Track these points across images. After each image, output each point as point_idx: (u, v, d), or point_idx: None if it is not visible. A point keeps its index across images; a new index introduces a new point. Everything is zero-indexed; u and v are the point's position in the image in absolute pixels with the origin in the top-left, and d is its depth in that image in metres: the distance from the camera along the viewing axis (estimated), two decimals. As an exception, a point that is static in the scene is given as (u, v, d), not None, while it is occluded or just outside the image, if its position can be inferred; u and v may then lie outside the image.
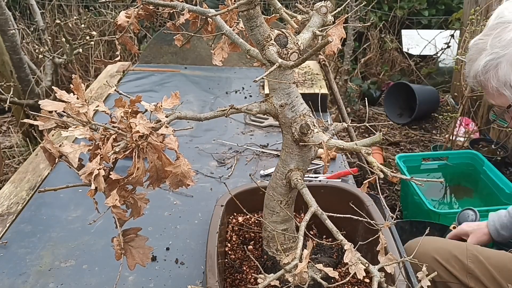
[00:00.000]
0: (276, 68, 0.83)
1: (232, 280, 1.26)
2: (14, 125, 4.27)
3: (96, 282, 1.36)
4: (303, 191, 0.99)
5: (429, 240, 1.73)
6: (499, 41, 1.12)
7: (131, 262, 0.90)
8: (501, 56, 1.12)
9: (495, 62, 1.14)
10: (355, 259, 0.82)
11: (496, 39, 1.13)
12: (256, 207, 1.39)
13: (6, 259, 1.45)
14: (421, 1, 5.22)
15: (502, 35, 1.12)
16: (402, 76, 5.02)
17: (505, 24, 1.12)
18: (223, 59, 1.10)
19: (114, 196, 0.83)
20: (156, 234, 1.56)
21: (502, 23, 1.12)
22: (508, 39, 1.10)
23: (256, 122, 2.34)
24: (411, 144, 4.16)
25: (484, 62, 1.16)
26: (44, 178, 1.87)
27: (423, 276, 0.85)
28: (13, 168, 3.53)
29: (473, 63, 1.20)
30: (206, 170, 1.93)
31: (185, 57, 3.14)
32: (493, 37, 1.13)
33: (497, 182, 2.84)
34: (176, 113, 0.93)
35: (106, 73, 3.03)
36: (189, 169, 0.89)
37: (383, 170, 0.87)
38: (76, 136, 0.83)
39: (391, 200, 3.34)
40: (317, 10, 1.07)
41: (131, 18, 1.05)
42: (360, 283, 1.23)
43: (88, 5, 5.47)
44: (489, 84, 1.18)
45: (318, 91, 2.48)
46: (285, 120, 1.06)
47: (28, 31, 4.43)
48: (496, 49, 1.12)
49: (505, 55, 1.11)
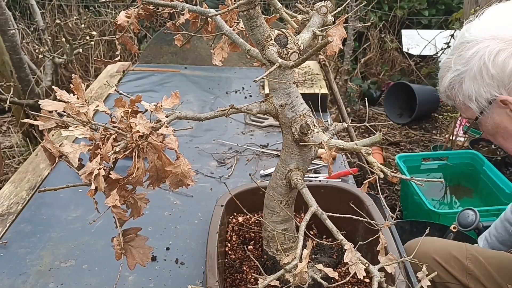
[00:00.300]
0: (276, 68, 0.83)
1: (232, 280, 1.26)
2: (14, 125, 4.27)
3: (96, 282, 1.36)
4: (303, 191, 0.99)
5: (429, 240, 1.73)
6: (460, 59, 1.23)
7: (131, 262, 0.90)
8: (463, 72, 1.22)
9: (458, 78, 1.24)
10: (355, 259, 0.82)
11: (459, 57, 1.23)
12: (256, 207, 1.39)
13: (6, 259, 1.45)
14: (421, 1, 5.22)
15: (463, 53, 1.22)
16: (402, 76, 5.02)
17: (465, 43, 1.22)
18: (223, 59, 1.10)
19: (114, 196, 0.83)
20: (156, 234, 1.56)
21: (463, 43, 1.23)
22: (467, 56, 1.21)
23: (256, 122, 2.34)
24: (411, 144, 4.16)
25: (450, 79, 1.27)
26: (44, 178, 1.87)
27: (423, 276, 0.85)
28: (13, 168, 3.53)
29: (442, 80, 1.31)
30: (206, 170, 1.93)
31: (185, 57, 3.14)
32: (456, 56, 1.24)
33: (497, 182, 2.84)
34: (176, 113, 0.93)
35: (106, 73, 3.03)
36: (189, 169, 0.89)
37: (383, 170, 0.87)
38: (76, 136, 0.83)
39: (391, 200, 3.34)
40: (317, 10, 1.07)
41: (131, 18, 1.05)
42: (360, 283, 1.23)
43: (88, 5, 5.47)
44: (456, 99, 1.28)
45: (318, 91, 2.48)
46: (285, 120, 1.06)
47: (28, 31, 4.43)
48: (458, 66, 1.23)
49: (467, 71, 1.21)
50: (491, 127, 1.27)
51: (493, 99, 1.20)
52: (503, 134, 1.27)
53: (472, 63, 1.20)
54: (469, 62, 1.20)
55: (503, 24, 1.18)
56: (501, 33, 1.17)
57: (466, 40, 1.22)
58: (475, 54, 1.19)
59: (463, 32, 1.25)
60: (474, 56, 1.19)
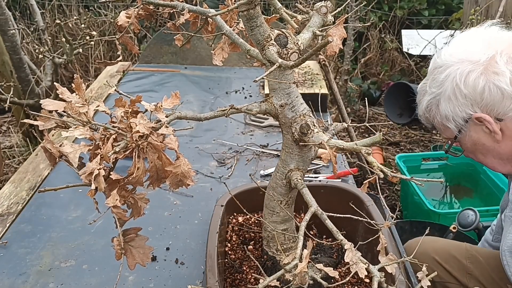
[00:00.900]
0: (276, 68, 0.83)
1: (232, 280, 1.26)
2: (14, 125, 4.27)
3: (96, 282, 1.36)
4: (303, 191, 0.99)
5: (429, 240, 1.73)
6: (435, 83, 1.30)
7: (131, 262, 0.90)
8: (438, 95, 1.29)
9: (434, 100, 1.31)
10: (355, 258, 0.82)
11: (433, 81, 1.31)
12: (256, 207, 1.39)
13: (6, 259, 1.45)
14: (421, 1, 5.22)
15: (436, 77, 1.29)
16: (402, 76, 5.02)
17: (437, 68, 1.29)
18: (224, 59, 1.10)
19: (115, 196, 0.83)
20: (156, 234, 1.56)
21: (436, 68, 1.30)
22: (440, 79, 1.28)
23: (256, 122, 2.34)
24: (411, 144, 4.16)
25: (427, 102, 1.34)
26: (44, 178, 1.87)
27: (423, 276, 0.85)
28: (13, 168, 3.53)
29: (420, 104, 1.38)
30: (206, 170, 1.93)
31: (185, 57, 3.14)
32: (431, 80, 1.32)
33: (497, 182, 2.84)
34: (176, 113, 0.93)
35: (106, 73, 3.03)
36: (189, 169, 0.89)
37: (383, 170, 0.87)
38: (76, 136, 0.83)
39: (391, 200, 3.34)
40: (317, 10, 1.07)
41: (131, 18, 1.05)
42: (360, 283, 1.23)
43: (88, 5, 5.47)
44: (435, 120, 1.35)
45: (318, 91, 2.48)
46: (285, 120, 1.06)
47: (28, 31, 4.43)
48: (433, 89, 1.30)
49: (441, 93, 1.28)
50: (470, 145, 1.33)
51: (469, 117, 1.26)
52: (481, 151, 1.33)
53: (445, 85, 1.27)
54: (442, 85, 1.28)
55: (470, 48, 1.26)
56: (469, 56, 1.24)
57: (438, 65, 1.30)
58: (447, 77, 1.26)
59: (434, 58, 1.33)
60: (446, 78, 1.26)
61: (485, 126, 1.25)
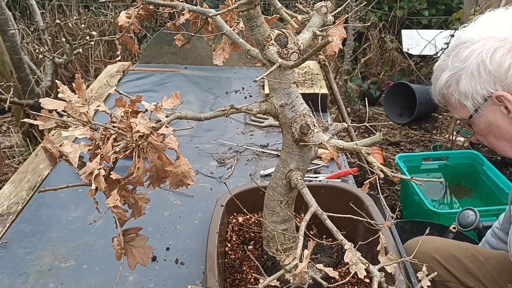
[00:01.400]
0: (276, 68, 0.83)
1: (232, 280, 1.25)
2: (14, 125, 4.27)
3: (96, 282, 1.36)
4: (303, 191, 0.99)
5: (429, 239, 1.73)
6: (458, 58, 1.27)
7: (131, 262, 0.90)
8: (460, 70, 1.26)
9: (455, 76, 1.28)
10: (355, 258, 0.82)
11: (456, 57, 1.28)
12: (256, 207, 1.39)
13: (6, 259, 1.45)
14: (421, 1, 5.22)
15: (460, 53, 1.27)
16: (402, 76, 5.02)
17: (462, 44, 1.27)
18: (225, 59, 1.11)
19: (115, 196, 0.83)
20: (156, 234, 1.56)
21: (459, 44, 1.28)
22: (465, 55, 1.25)
23: (256, 122, 2.34)
24: (411, 144, 4.16)
25: (447, 77, 1.30)
26: (44, 178, 1.87)
27: (423, 276, 0.85)
28: (13, 168, 3.53)
29: (437, 81, 1.35)
30: (206, 170, 1.93)
31: (185, 57, 3.14)
32: (453, 56, 1.29)
33: (497, 182, 2.84)
34: (176, 113, 0.93)
35: (106, 73, 3.03)
36: (189, 169, 0.89)
37: (383, 170, 0.87)
38: (76, 136, 0.83)
39: (391, 200, 3.34)
40: (317, 10, 1.07)
41: (132, 18, 1.05)
42: (360, 283, 1.23)
43: (88, 5, 5.47)
44: (452, 97, 1.31)
45: (318, 91, 2.48)
46: (285, 120, 1.06)
47: (28, 31, 4.43)
48: (456, 64, 1.27)
49: (464, 68, 1.25)
50: (484, 126, 1.31)
51: (489, 95, 1.24)
52: (495, 133, 1.30)
53: (469, 61, 1.24)
54: (466, 60, 1.25)
55: (497, 25, 1.24)
56: (496, 32, 1.22)
57: (462, 41, 1.27)
58: (472, 53, 1.24)
59: (458, 35, 1.31)
60: (471, 54, 1.24)
61: (504, 107, 1.23)
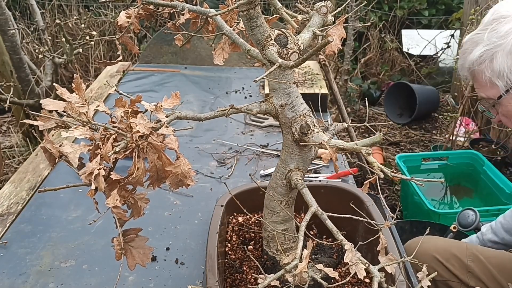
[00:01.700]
0: (276, 68, 0.83)
1: (232, 280, 1.25)
2: (14, 125, 4.27)
3: (96, 282, 1.36)
4: (303, 191, 0.99)
5: (429, 239, 1.74)
6: (496, 33, 1.18)
7: (131, 262, 0.90)
8: (497, 46, 1.18)
9: (491, 52, 1.20)
10: (355, 259, 0.82)
11: (493, 31, 1.19)
12: (256, 207, 1.39)
13: (6, 259, 1.45)
14: (421, 1, 5.22)
15: (498, 28, 1.18)
16: (402, 76, 5.02)
17: (501, 18, 1.18)
18: (225, 59, 1.10)
19: (115, 196, 0.83)
20: (156, 234, 1.56)
21: (498, 18, 1.19)
22: (504, 30, 1.17)
23: (256, 122, 2.34)
24: (411, 144, 4.16)
25: (480, 53, 1.21)
26: (44, 178, 1.87)
27: (423, 276, 0.85)
28: (13, 168, 3.53)
29: (468, 55, 1.26)
30: (206, 170, 1.93)
31: (185, 57, 3.14)
32: (490, 31, 1.20)
33: (497, 182, 2.84)
34: (176, 113, 0.93)
35: (106, 73, 3.03)
36: (189, 169, 0.89)
37: (383, 170, 0.87)
38: (76, 136, 0.83)
39: (391, 200, 3.34)
40: (317, 10, 1.07)
41: (132, 18, 1.05)
42: (360, 283, 1.23)
43: (88, 5, 5.47)
44: (482, 74, 1.23)
45: (318, 91, 2.48)
46: (285, 120, 1.06)
47: (28, 31, 4.43)
48: (493, 39, 1.18)
49: (502, 44, 1.18)
50: None
51: None
52: None
53: (509, 38, 1.16)
54: (505, 37, 1.17)
55: None
56: None
57: (502, 15, 1.19)
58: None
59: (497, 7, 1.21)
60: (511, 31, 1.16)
61: None
